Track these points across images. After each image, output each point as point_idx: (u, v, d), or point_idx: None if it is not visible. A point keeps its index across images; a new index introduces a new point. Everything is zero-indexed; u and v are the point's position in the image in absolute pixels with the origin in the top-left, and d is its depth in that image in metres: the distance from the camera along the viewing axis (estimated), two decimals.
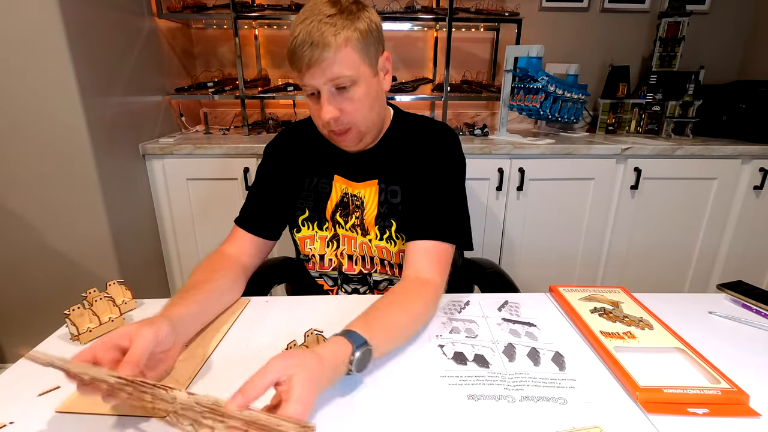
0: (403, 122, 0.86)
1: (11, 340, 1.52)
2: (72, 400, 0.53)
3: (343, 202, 0.84)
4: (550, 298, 0.80)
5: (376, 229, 0.82)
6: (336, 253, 0.86)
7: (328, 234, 0.85)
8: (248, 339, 0.66)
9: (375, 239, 0.82)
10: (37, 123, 1.25)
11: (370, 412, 0.51)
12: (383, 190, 0.82)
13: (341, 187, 0.85)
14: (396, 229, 0.81)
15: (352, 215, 0.83)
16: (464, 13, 1.80)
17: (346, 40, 0.67)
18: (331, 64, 0.67)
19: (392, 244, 0.82)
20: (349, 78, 0.70)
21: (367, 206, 0.83)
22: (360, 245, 0.84)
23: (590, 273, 1.78)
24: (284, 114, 2.04)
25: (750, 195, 1.68)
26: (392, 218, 0.81)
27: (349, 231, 0.84)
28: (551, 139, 1.70)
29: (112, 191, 1.39)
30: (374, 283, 0.88)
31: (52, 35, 1.18)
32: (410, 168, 0.81)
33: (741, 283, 0.81)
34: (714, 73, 1.94)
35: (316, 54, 0.66)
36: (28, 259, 1.39)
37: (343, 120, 0.73)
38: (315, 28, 0.66)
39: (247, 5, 1.80)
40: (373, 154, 0.84)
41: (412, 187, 0.81)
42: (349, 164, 0.85)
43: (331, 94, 0.71)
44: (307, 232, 0.86)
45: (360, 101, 0.72)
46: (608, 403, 0.52)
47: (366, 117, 0.75)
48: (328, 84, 0.70)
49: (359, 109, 0.73)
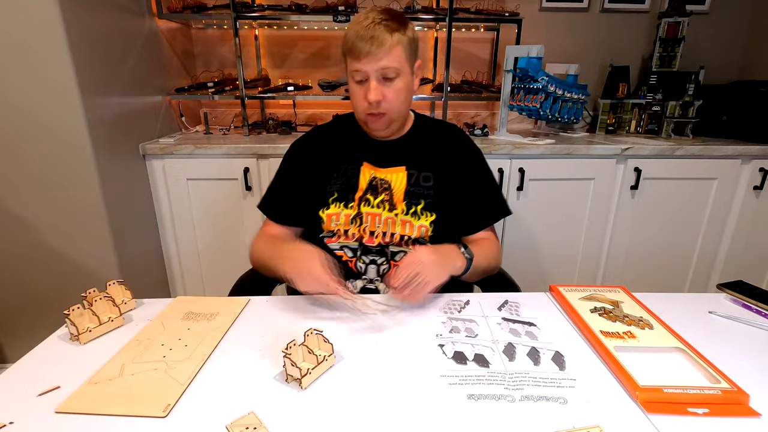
0: (424, 121, 1.02)
1: (11, 340, 1.52)
2: (72, 400, 0.53)
3: (372, 185, 0.94)
4: (550, 297, 0.80)
5: (404, 204, 0.92)
6: (359, 229, 0.93)
7: (353, 212, 0.93)
8: (248, 339, 0.66)
9: (401, 213, 0.92)
10: (37, 123, 1.25)
11: (371, 411, 0.51)
12: (413, 175, 0.94)
13: (370, 173, 0.95)
14: (423, 206, 0.92)
15: (381, 194, 0.93)
16: (464, 13, 1.80)
17: (398, 41, 0.83)
18: (384, 56, 0.83)
19: (416, 218, 0.92)
20: (396, 70, 0.85)
21: (395, 187, 0.94)
22: (384, 220, 0.92)
23: (590, 273, 1.78)
24: (284, 114, 2.04)
25: (750, 195, 1.68)
26: (422, 198, 0.92)
27: (376, 207, 0.93)
28: (551, 139, 1.70)
29: (112, 191, 1.39)
30: (391, 254, 0.93)
31: (52, 35, 1.18)
32: (441, 159, 0.96)
33: (741, 283, 0.81)
34: (714, 73, 1.93)
35: (374, 47, 0.81)
36: (28, 259, 1.39)
37: (383, 105, 0.87)
38: (376, 27, 0.82)
39: (247, 5, 1.80)
40: (400, 144, 0.97)
41: (445, 175, 0.95)
42: (377, 152, 0.96)
43: (379, 81, 0.85)
44: (335, 209, 0.94)
45: (399, 91, 0.87)
46: (608, 402, 0.52)
47: (400, 106, 0.90)
48: (378, 72, 0.84)
49: (397, 98, 0.87)
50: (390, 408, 0.51)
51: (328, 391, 0.55)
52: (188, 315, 0.73)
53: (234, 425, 0.49)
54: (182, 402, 0.53)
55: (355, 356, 0.62)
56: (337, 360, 0.61)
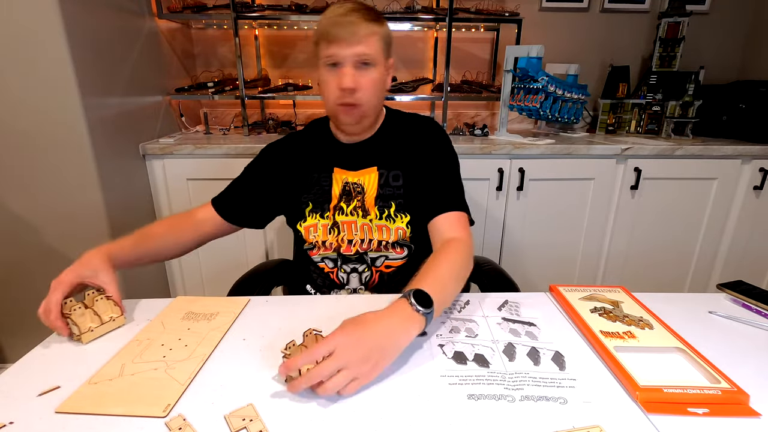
0: (395, 117, 0.97)
1: (11, 340, 1.52)
2: (72, 400, 0.53)
3: (346, 190, 0.92)
4: (550, 297, 0.80)
5: (376, 209, 0.89)
6: (337, 239, 0.92)
7: (329, 222, 0.91)
8: (248, 339, 0.66)
9: (375, 219, 0.89)
10: (37, 123, 1.25)
11: (371, 411, 0.51)
12: (383, 175, 0.91)
13: (341, 178, 0.92)
14: (395, 209, 0.89)
15: (353, 200, 0.91)
16: (464, 14, 1.80)
17: (375, 32, 0.81)
18: (360, 41, 0.80)
19: (391, 221, 0.90)
20: (372, 57, 0.81)
21: (367, 190, 0.91)
22: (361, 227, 0.90)
23: (590, 273, 1.78)
24: (284, 114, 2.04)
25: (750, 195, 1.68)
26: (392, 200, 0.89)
27: (350, 215, 0.90)
28: (551, 139, 1.70)
29: (112, 191, 1.39)
30: (371, 260, 0.92)
31: (52, 35, 1.18)
32: (410, 155, 0.92)
33: (741, 283, 0.81)
34: (714, 73, 1.94)
35: (351, 33, 0.79)
36: (28, 259, 1.39)
37: (357, 94, 0.82)
38: (352, 14, 0.80)
39: (247, 5, 1.80)
40: (370, 144, 0.93)
41: (414, 171, 0.91)
42: (346, 156, 0.93)
43: (354, 67, 0.81)
44: (312, 221, 0.92)
45: (373, 82, 0.83)
46: (608, 402, 0.52)
47: (372, 99, 0.85)
48: (354, 57, 0.80)
49: (372, 88, 0.83)
50: (390, 408, 0.51)
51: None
52: (188, 315, 0.73)
53: (232, 416, 0.50)
54: (182, 402, 0.53)
55: None
56: None
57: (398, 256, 0.91)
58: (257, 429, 0.47)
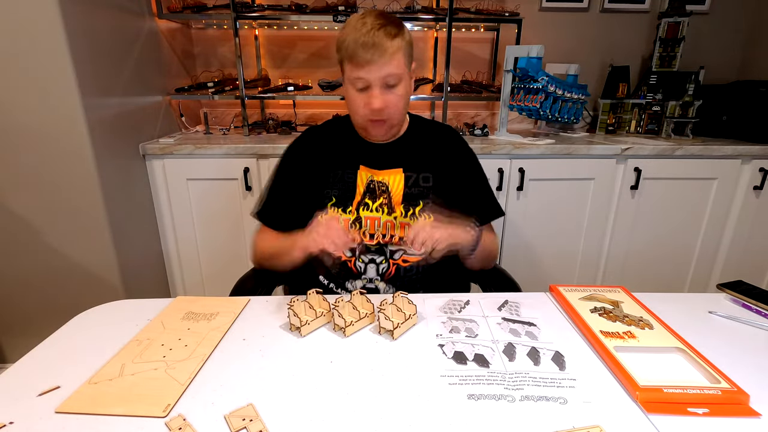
0: (418, 123, 1.02)
1: (11, 340, 1.52)
2: (72, 400, 0.53)
3: (370, 188, 0.94)
4: (550, 297, 0.80)
5: (402, 207, 0.93)
6: (359, 233, 0.93)
7: (351, 217, 0.93)
8: (248, 339, 0.66)
9: (400, 216, 0.92)
10: (37, 123, 1.25)
11: (371, 411, 0.51)
12: (411, 177, 0.94)
13: (366, 176, 0.94)
14: (421, 209, 0.92)
15: (379, 197, 0.93)
16: (464, 13, 1.80)
17: (399, 47, 0.83)
18: (386, 64, 0.82)
19: (415, 220, 0.92)
20: (398, 77, 0.84)
21: (392, 189, 0.94)
22: (384, 224, 0.93)
23: (590, 273, 1.78)
24: (284, 114, 2.04)
25: (750, 195, 1.68)
26: (420, 199, 0.93)
27: (374, 212, 0.93)
28: (551, 139, 1.70)
29: (112, 191, 1.39)
30: (390, 253, 0.93)
31: (52, 35, 1.18)
32: (438, 160, 0.97)
33: (741, 283, 0.81)
34: (714, 73, 1.93)
35: (377, 55, 0.81)
36: (28, 259, 1.39)
37: (385, 111, 0.87)
38: (376, 34, 0.81)
39: (247, 5, 1.80)
40: (396, 147, 0.97)
41: (443, 175, 0.96)
42: (373, 155, 0.96)
43: (381, 89, 0.85)
44: (333, 214, 0.94)
45: (400, 97, 0.87)
46: (608, 402, 0.52)
47: (400, 111, 0.90)
48: (381, 80, 0.83)
49: (398, 103, 0.88)
50: (390, 407, 0.51)
51: (328, 390, 0.55)
52: (188, 315, 0.73)
53: (232, 416, 0.50)
54: (182, 402, 0.53)
55: (355, 356, 0.62)
56: (337, 359, 0.61)
57: (416, 253, 0.92)
58: (257, 429, 0.48)
